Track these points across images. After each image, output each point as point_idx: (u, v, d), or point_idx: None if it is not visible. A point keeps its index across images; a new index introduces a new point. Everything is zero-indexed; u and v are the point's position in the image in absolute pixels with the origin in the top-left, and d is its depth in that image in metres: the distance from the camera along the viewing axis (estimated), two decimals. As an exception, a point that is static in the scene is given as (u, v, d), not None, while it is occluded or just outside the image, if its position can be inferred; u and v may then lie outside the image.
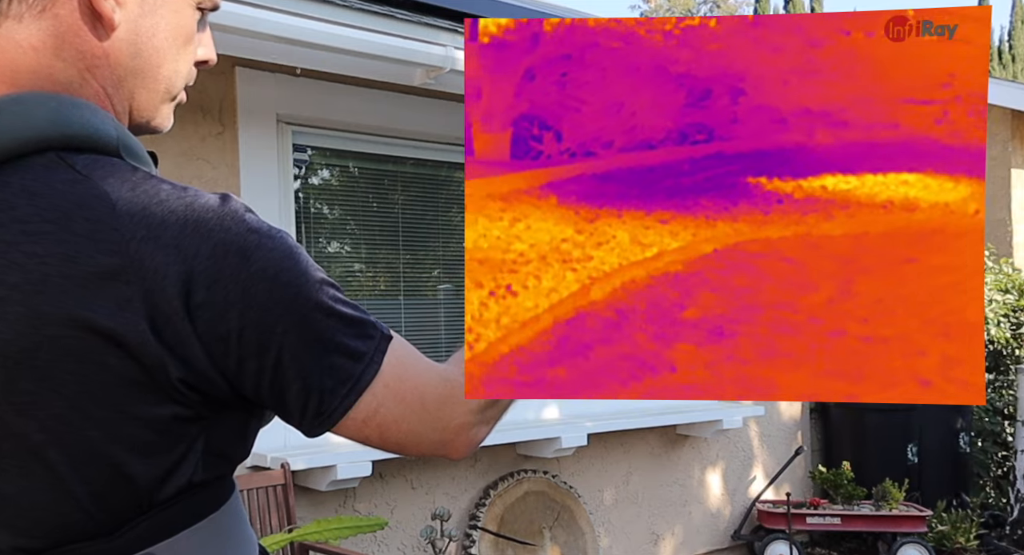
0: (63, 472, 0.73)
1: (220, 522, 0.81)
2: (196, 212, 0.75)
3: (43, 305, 0.70)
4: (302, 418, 0.80)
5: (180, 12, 0.85)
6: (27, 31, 0.78)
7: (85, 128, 0.76)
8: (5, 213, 0.73)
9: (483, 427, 0.88)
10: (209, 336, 0.74)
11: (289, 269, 0.77)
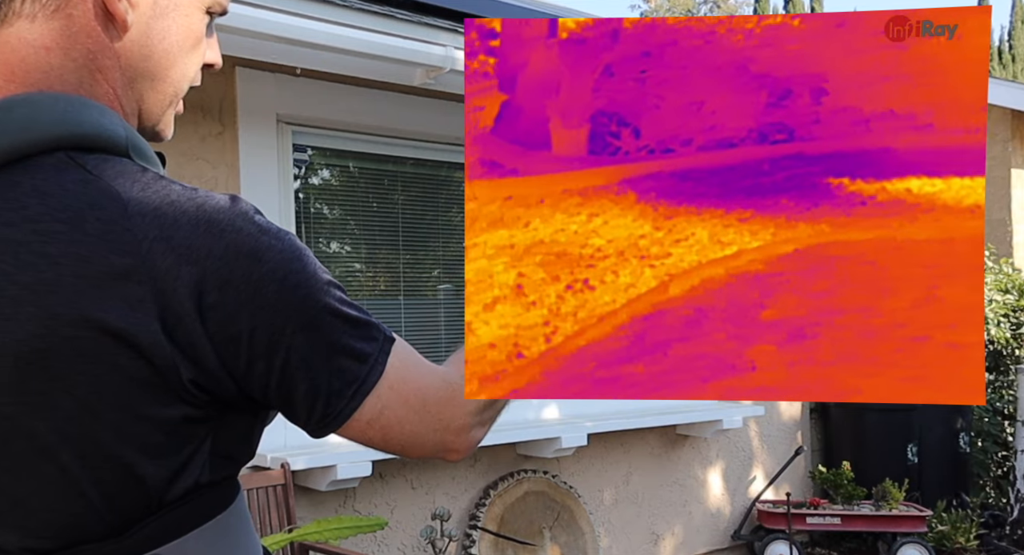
0: (75, 473, 0.73)
1: (227, 523, 0.82)
2: (207, 213, 0.75)
3: (56, 305, 0.70)
4: (308, 419, 0.81)
5: (190, 16, 0.85)
6: (40, 30, 0.78)
7: (95, 128, 0.77)
8: (17, 213, 0.73)
9: (481, 428, 0.89)
10: (220, 337, 0.74)
11: (298, 271, 0.77)
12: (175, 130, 0.93)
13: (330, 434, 0.83)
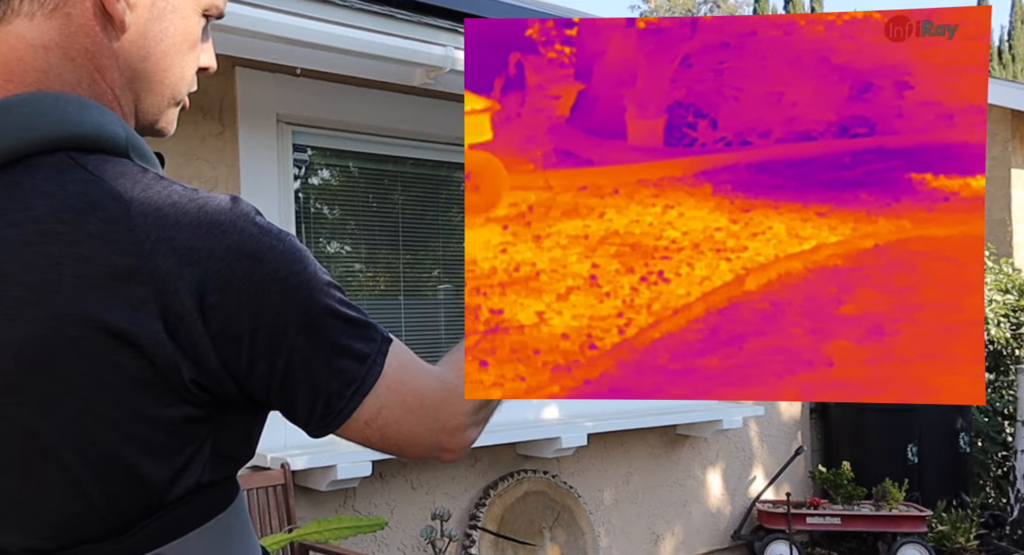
0: (77, 473, 0.73)
1: (227, 523, 0.82)
2: (209, 214, 0.75)
3: (59, 306, 0.70)
4: (309, 419, 0.81)
5: (188, 18, 0.85)
6: (38, 30, 0.78)
7: (95, 128, 0.77)
8: (20, 213, 0.73)
9: (475, 428, 0.90)
10: (222, 337, 0.74)
11: (299, 272, 0.78)
12: (176, 129, 0.93)
13: (329, 434, 0.83)
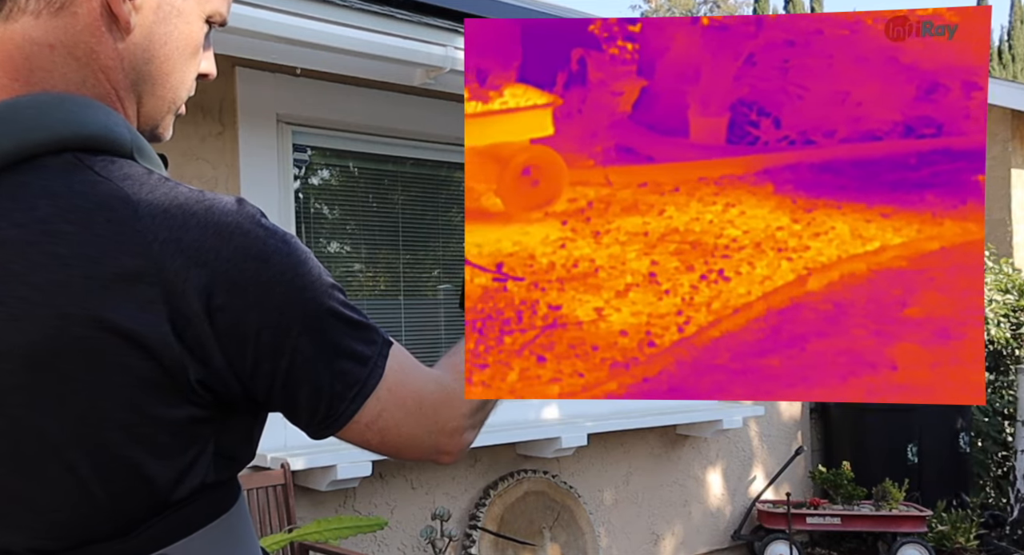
0: (83, 473, 0.73)
1: (230, 523, 0.82)
2: (216, 215, 0.75)
3: (66, 306, 0.70)
4: (311, 421, 0.82)
5: (191, 24, 0.86)
6: (44, 28, 0.78)
7: (101, 130, 0.77)
8: (26, 214, 0.72)
9: (472, 431, 0.90)
10: (227, 338, 0.75)
11: (304, 274, 0.78)
12: (175, 130, 0.93)
13: (330, 436, 0.83)
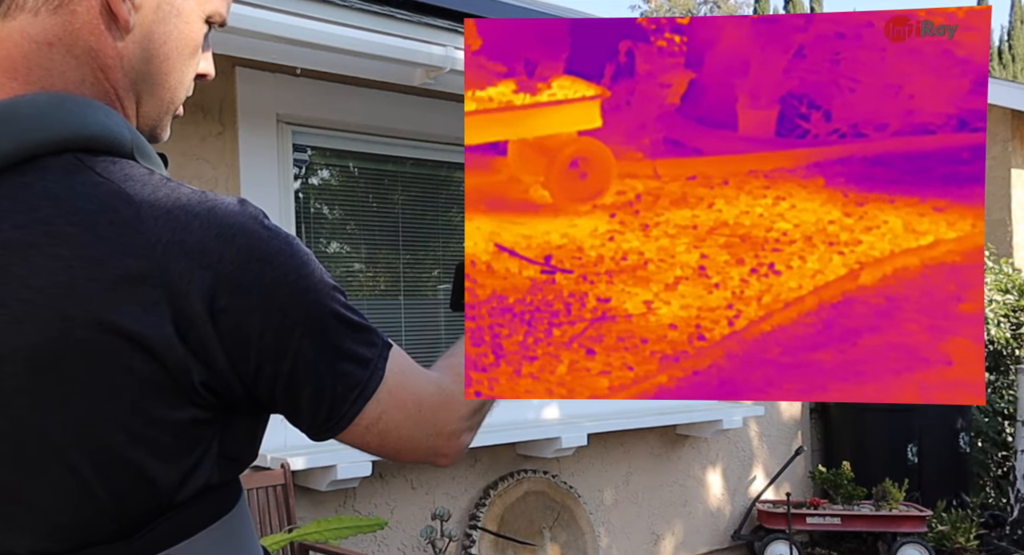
0: (86, 475, 0.73)
1: (232, 524, 0.82)
2: (219, 216, 0.75)
3: (70, 308, 0.70)
4: (312, 422, 0.82)
5: (191, 24, 0.85)
6: (42, 26, 0.78)
7: (102, 130, 0.76)
8: (28, 215, 0.72)
9: (469, 433, 0.91)
10: (231, 340, 0.74)
11: (307, 276, 0.78)
12: (175, 130, 0.93)
13: (331, 438, 0.83)
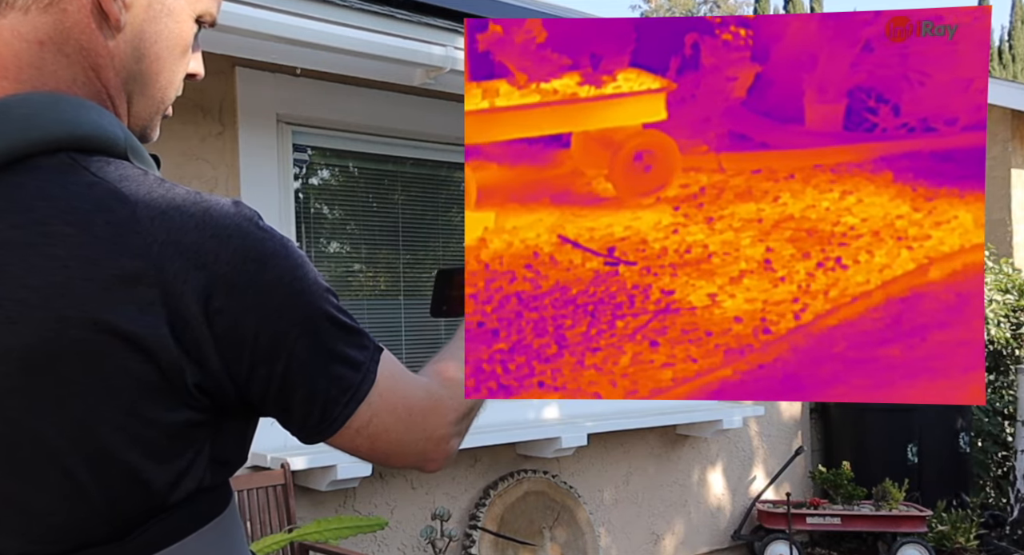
0: (80, 477, 0.73)
1: (223, 525, 0.82)
2: (214, 217, 0.75)
3: (65, 308, 0.70)
4: (303, 425, 0.82)
5: (182, 23, 0.85)
6: (32, 24, 0.77)
7: (95, 130, 0.76)
8: (23, 215, 0.72)
9: (457, 438, 0.91)
10: (225, 341, 0.74)
11: (301, 278, 0.78)
12: (176, 130, 0.93)
13: (321, 441, 0.83)
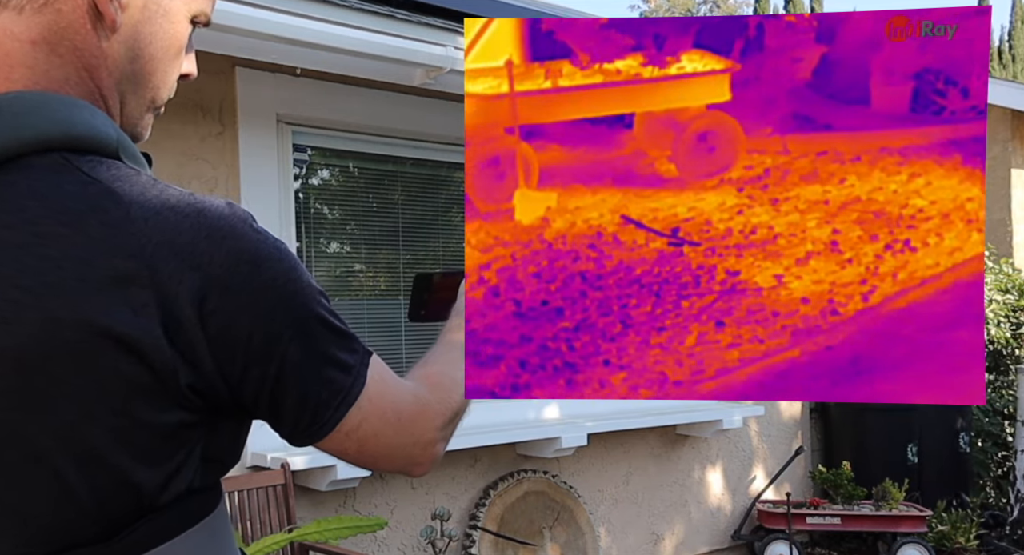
0: (69, 479, 0.73)
1: (213, 526, 0.82)
2: (208, 218, 0.75)
3: (58, 309, 0.69)
4: (295, 427, 0.82)
5: (177, 24, 0.85)
6: (26, 24, 0.77)
7: (88, 130, 0.76)
8: (15, 215, 0.71)
9: (443, 443, 0.91)
10: (218, 343, 0.74)
11: (295, 280, 0.78)
12: (175, 130, 0.93)
13: (311, 444, 0.83)
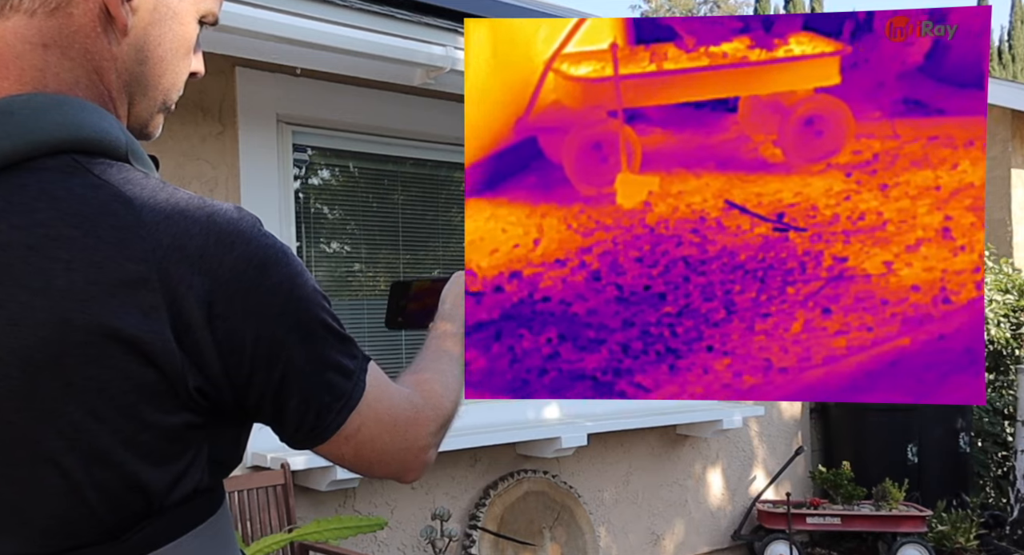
0: (77, 480, 0.73)
1: (217, 526, 0.82)
2: (218, 223, 0.75)
3: (68, 311, 0.70)
4: (296, 431, 0.83)
5: (186, 25, 0.85)
6: (38, 27, 0.77)
7: (97, 132, 0.76)
8: (26, 217, 0.71)
9: (435, 449, 0.92)
10: (225, 346, 0.74)
11: (301, 285, 0.79)
12: (176, 130, 0.93)
13: (311, 447, 0.84)
